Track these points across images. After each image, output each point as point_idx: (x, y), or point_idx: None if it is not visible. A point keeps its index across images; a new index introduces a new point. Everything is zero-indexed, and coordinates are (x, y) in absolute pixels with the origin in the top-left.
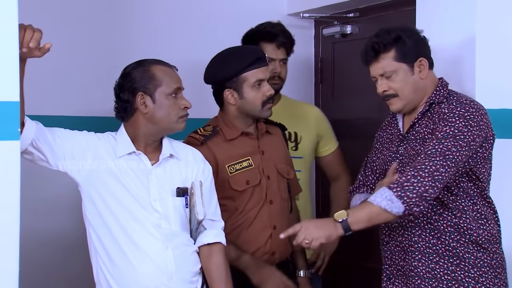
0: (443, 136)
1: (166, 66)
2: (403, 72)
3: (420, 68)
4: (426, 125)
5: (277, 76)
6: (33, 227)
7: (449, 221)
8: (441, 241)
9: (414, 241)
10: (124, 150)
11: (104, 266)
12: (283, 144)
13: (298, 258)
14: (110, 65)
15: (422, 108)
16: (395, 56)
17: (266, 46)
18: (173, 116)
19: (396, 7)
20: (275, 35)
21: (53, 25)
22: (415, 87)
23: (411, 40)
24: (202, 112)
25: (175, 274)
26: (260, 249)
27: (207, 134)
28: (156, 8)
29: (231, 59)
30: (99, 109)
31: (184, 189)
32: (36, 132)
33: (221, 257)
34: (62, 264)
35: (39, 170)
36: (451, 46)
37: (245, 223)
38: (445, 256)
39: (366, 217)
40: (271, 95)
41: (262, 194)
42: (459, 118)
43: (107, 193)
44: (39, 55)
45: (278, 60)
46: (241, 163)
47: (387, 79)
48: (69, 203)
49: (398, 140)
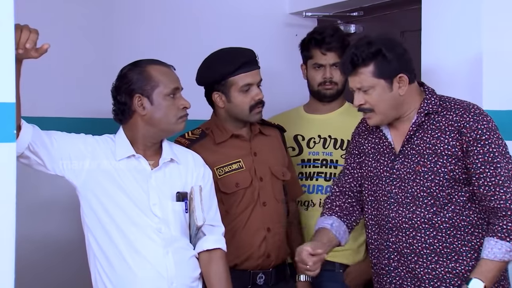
0: (492, 158)
1: (163, 66)
2: (381, 88)
3: (400, 84)
4: (423, 139)
5: (328, 81)
6: (29, 230)
7: (463, 241)
8: (459, 263)
9: (432, 268)
10: (123, 153)
11: (103, 272)
12: (280, 145)
13: None
14: (108, 66)
15: (416, 119)
16: (373, 72)
17: (315, 52)
18: (172, 117)
19: (401, 5)
20: (321, 40)
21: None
22: (393, 103)
23: (391, 54)
24: (203, 113)
25: (175, 280)
26: (255, 252)
27: (194, 138)
28: (154, 8)
29: (220, 61)
30: (97, 110)
31: (184, 194)
32: (33, 136)
33: (221, 264)
34: (58, 268)
35: (35, 172)
36: (458, 45)
37: (237, 226)
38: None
39: (497, 276)
40: (260, 99)
41: (254, 196)
42: (488, 132)
43: (105, 197)
44: (36, 56)
45: (328, 65)
46: (230, 166)
47: (364, 93)
48: (65, 206)
49: (391, 155)
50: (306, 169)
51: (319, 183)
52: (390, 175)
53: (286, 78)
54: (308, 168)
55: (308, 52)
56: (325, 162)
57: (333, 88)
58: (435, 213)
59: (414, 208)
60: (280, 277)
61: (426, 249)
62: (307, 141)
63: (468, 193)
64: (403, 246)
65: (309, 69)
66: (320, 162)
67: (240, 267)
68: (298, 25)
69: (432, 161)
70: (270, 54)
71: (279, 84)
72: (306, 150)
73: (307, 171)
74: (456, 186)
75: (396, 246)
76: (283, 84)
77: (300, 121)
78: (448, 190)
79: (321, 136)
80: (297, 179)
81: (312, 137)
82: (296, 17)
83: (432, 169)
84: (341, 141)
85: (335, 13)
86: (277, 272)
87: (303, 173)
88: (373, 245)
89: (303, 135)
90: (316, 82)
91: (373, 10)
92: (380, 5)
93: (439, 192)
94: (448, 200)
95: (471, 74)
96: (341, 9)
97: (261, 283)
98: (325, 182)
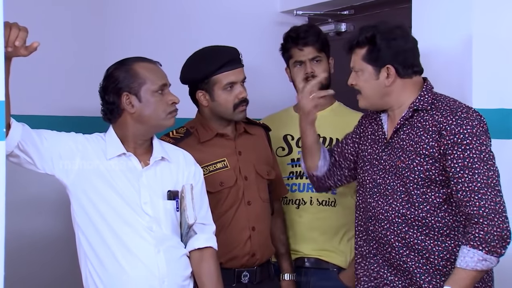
0: (472, 163)
1: (149, 62)
2: (368, 74)
3: (387, 75)
4: (408, 134)
5: (311, 76)
6: (18, 228)
7: (436, 241)
8: (430, 261)
9: (403, 261)
10: (113, 152)
11: (94, 271)
12: (265, 144)
13: (283, 261)
14: (97, 64)
15: (405, 114)
16: (364, 56)
17: (293, 50)
18: (161, 113)
19: (392, 4)
20: (296, 36)
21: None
22: (377, 91)
23: (384, 44)
24: (193, 111)
25: (166, 278)
26: (240, 251)
27: (178, 136)
28: (144, 6)
29: (203, 60)
30: (85, 108)
31: (175, 192)
32: (23, 134)
33: (212, 262)
34: (48, 266)
35: (24, 170)
36: (447, 44)
37: (222, 225)
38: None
39: (472, 284)
40: (244, 98)
41: (239, 195)
42: (470, 137)
43: (96, 196)
44: (25, 54)
45: (307, 60)
46: (215, 165)
47: (355, 74)
48: (54, 204)
49: (382, 144)
50: (296, 168)
51: (309, 182)
52: (378, 164)
53: (277, 77)
54: (298, 167)
55: (288, 53)
56: None
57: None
58: (409, 209)
59: (391, 201)
60: (264, 275)
61: (398, 242)
62: (296, 140)
63: (445, 195)
64: (379, 236)
65: (291, 69)
66: None
67: (225, 266)
68: (289, 24)
69: (411, 158)
70: (261, 52)
71: (269, 83)
72: (296, 150)
73: (297, 170)
74: (432, 187)
75: (374, 234)
76: (274, 83)
77: (289, 121)
78: (423, 189)
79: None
80: (281, 178)
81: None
82: (287, 16)
83: (409, 166)
84: (329, 139)
85: (326, 12)
86: (261, 271)
87: (294, 172)
88: (358, 229)
89: (292, 135)
90: (300, 81)
91: (364, 8)
92: (370, 4)
93: (413, 190)
94: (423, 199)
95: (462, 76)
96: (332, 7)
97: (245, 281)
98: None
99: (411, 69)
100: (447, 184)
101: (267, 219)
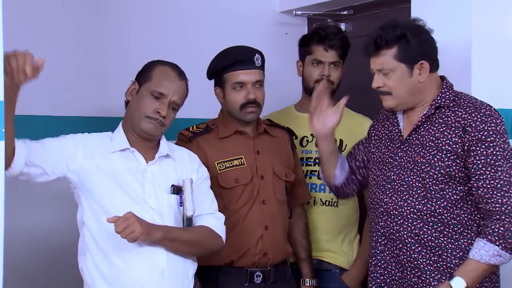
0: (495, 160)
1: (173, 71)
2: (401, 72)
3: (420, 71)
4: (428, 130)
5: (326, 79)
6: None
7: (450, 238)
8: (443, 258)
9: (414, 258)
10: (117, 146)
11: (95, 265)
12: (287, 147)
13: (303, 266)
14: (97, 64)
15: (427, 111)
16: (395, 55)
17: (316, 48)
18: (141, 112)
19: (391, 4)
20: (325, 36)
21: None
22: (411, 89)
23: (415, 40)
24: (192, 112)
25: (166, 269)
26: (251, 249)
27: (198, 131)
28: (147, 8)
29: (220, 56)
30: (85, 108)
31: (178, 187)
32: (27, 152)
33: (204, 228)
34: (47, 264)
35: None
36: (447, 44)
37: (235, 221)
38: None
39: (481, 277)
40: (252, 99)
41: (254, 193)
42: (495, 135)
43: (100, 191)
44: (36, 76)
45: (327, 63)
46: (232, 161)
47: (384, 76)
48: (55, 201)
49: (398, 142)
50: None
51: (312, 181)
52: (393, 161)
53: (276, 77)
54: (302, 166)
55: (309, 48)
56: (318, 161)
57: (329, 87)
58: (426, 205)
59: (407, 197)
60: (279, 276)
61: (411, 238)
62: (299, 139)
63: (462, 192)
64: (390, 232)
65: (307, 65)
66: (313, 160)
67: (237, 264)
68: (288, 24)
69: (432, 153)
70: None
71: (269, 82)
72: (299, 149)
73: None
74: (451, 183)
75: (384, 230)
76: (274, 82)
77: (292, 120)
78: (442, 185)
79: (314, 135)
80: (304, 183)
81: (305, 136)
82: (286, 16)
83: (430, 161)
84: None
85: (325, 12)
86: (276, 271)
87: None
88: (371, 226)
89: (296, 134)
90: (312, 79)
91: (363, 8)
92: (370, 4)
93: (431, 185)
94: (440, 195)
95: (461, 76)
96: (331, 7)
97: (258, 281)
98: (319, 180)
99: (437, 63)
100: (465, 181)
101: (282, 220)
